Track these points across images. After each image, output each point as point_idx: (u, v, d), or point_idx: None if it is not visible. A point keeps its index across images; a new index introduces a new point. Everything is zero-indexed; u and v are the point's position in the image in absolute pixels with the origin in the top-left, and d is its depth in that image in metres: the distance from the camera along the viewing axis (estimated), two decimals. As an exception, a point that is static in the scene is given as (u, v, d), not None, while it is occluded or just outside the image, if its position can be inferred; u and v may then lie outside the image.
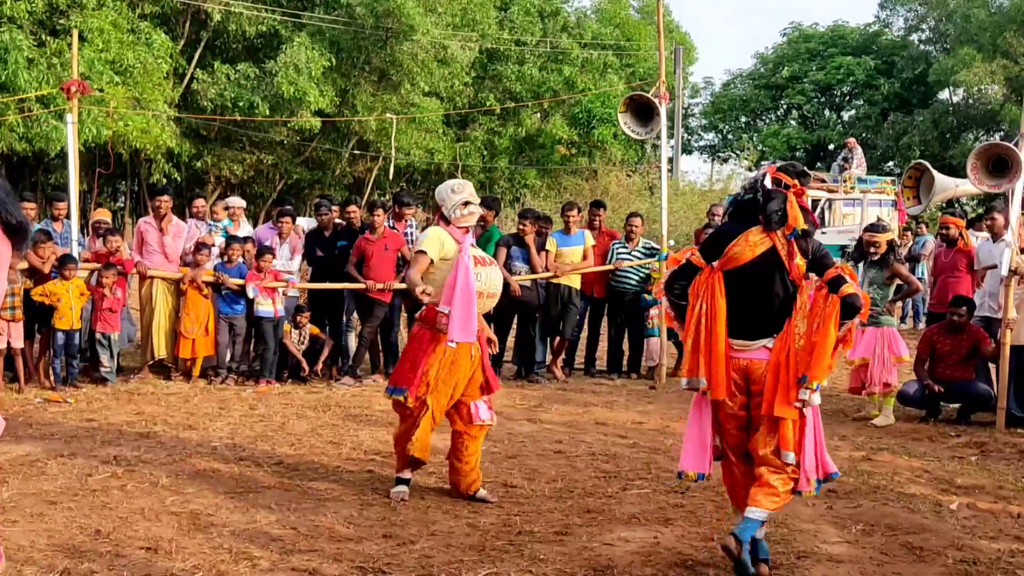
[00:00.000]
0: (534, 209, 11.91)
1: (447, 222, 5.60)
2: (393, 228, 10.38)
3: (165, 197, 9.96)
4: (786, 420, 4.37)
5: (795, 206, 4.42)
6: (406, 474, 5.68)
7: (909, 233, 17.39)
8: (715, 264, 4.50)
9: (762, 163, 31.26)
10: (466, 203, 5.58)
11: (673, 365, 10.51)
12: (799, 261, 4.45)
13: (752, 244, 4.42)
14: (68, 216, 9.55)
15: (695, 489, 5.88)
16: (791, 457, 4.38)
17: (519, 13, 30.16)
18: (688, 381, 4.57)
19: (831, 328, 4.32)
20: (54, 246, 9.04)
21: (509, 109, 29.24)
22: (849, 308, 4.35)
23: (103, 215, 10.44)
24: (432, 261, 5.49)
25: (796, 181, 4.51)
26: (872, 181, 20.43)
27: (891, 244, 8.32)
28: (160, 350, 9.56)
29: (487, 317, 7.01)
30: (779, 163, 4.79)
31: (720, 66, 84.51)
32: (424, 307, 5.57)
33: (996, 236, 8.51)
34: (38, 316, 8.96)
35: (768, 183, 4.48)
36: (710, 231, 10.95)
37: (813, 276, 4.53)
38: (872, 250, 8.29)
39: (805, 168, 4.74)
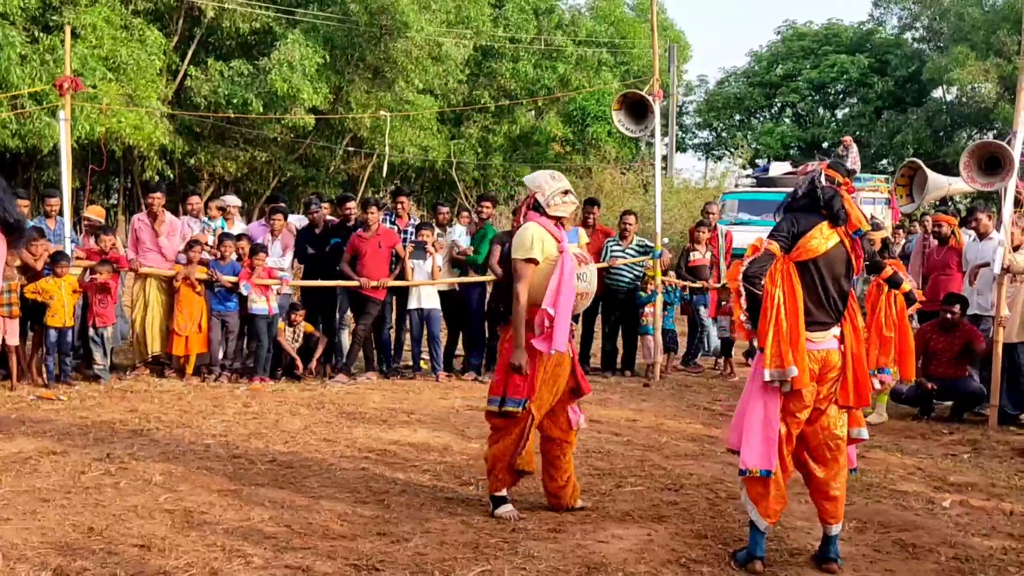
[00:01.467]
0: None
1: (539, 212, 5.19)
2: (394, 224, 10.37)
3: (158, 194, 9.94)
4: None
5: (855, 206, 4.56)
6: (503, 491, 5.27)
7: (901, 231, 17.41)
8: (788, 255, 4.50)
9: (764, 161, 31.29)
10: (565, 191, 5.20)
11: (663, 364, 10.55)
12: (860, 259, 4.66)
13: (826, 238, 4.48)
14: (61, 213, 9.53)
15: (688, 488, 5.89)
16: (864, 433, 4.72)
17: (513, 10, 30.14)
18: (777, 373, 4.38)
19: (906, 322, 4.68)
20: (47, 243, 9.02)
21: (503, 106, 29.23)
22: (908, 300, 5.03)
23: (96, 213, 10.41)
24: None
25: (847, 179, 4.60)
26: (866, 179, 20.46)
27: (885, 242, 8.35)
28: (154, 346, 9.54)
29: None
30: (829, 160, 4.87)
31: (714, 64, 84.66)
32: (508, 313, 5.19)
33: (982, 236, 8.55)
34: (30, 313, 8.93)
35: (823, 180, 4.55)
36: (703, 228, 11.04)
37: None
38: (865, 248, 8.31)
39: (851, 168, 4.92)
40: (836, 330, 4.52)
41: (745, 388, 4.61)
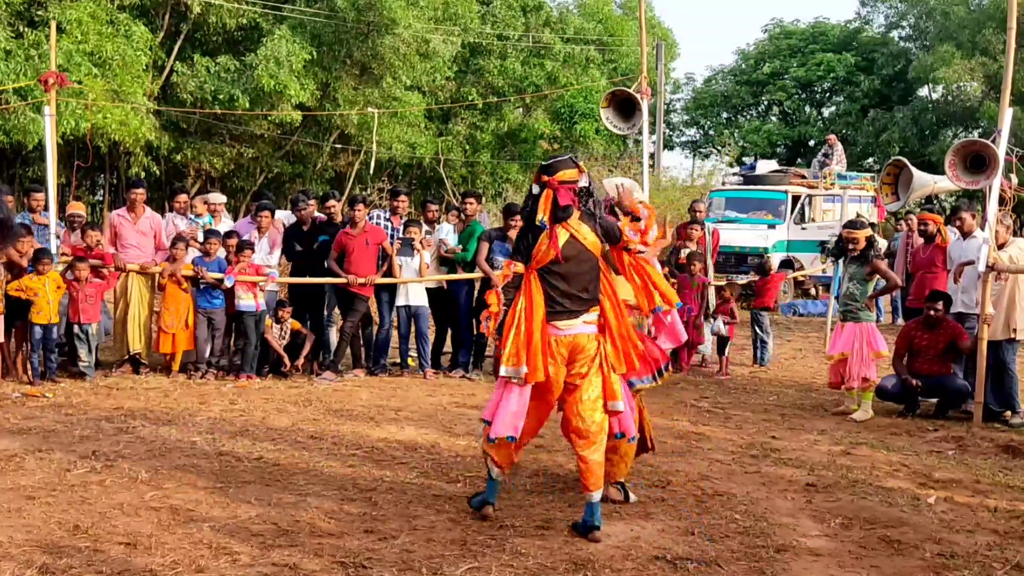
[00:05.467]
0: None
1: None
2: (388, 222, 10.35)
3: (140, 190, 9.90)
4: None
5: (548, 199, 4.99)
6: None
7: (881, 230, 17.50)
8: (530, 267, 5.10)
9: (751, 159, 31.38)
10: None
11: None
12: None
13: (555, 240, 5.01)
14: (46, 208, 9.47)
15: (675, 485, 5.90)
16: (620, 405, 5.08)
17: (501, 7, 30.09)
18: (512, 371, 5.03)
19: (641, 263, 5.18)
20: (33, 240, 8.97)
21: (491, 103, 29.20)
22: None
23: (78, 208, 10.36)
24: None
25: (552, 176, 4.97)
26: (852, 177, 20.53)
27: (870, 240, 8.38)
28: (135, 344, 9.49)
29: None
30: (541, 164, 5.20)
31: (702, 62, 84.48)
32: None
33: (966, 235, 8.61)
34: (14, 311, 8.88)
35: (535, 189, 5.08)
36: (695, 226, 11.06)
37: None
38: (851, 246, 8.36)
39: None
40: (590, 315, 5.03)
41: (499, 378, 5.14)
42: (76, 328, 9.10)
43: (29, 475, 5.74)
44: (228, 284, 9.38)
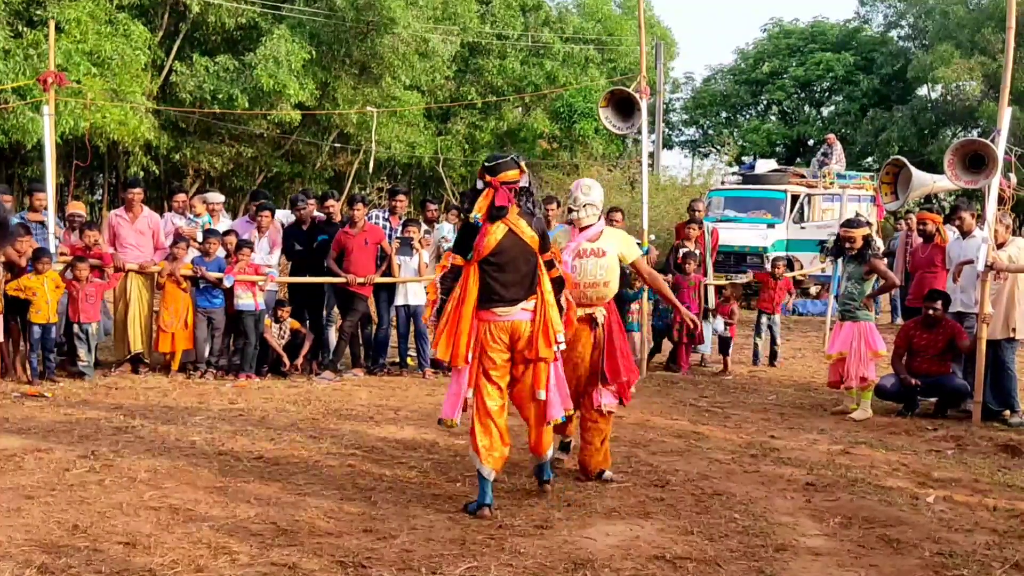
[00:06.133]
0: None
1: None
2: (387, 221, 10.34)
3: (136, 189, 9.91)
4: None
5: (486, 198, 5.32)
6: None
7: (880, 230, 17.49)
8: (471, 260, 5.41)
9: (750, 159, 31.37)
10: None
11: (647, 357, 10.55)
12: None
13: (493, 233, 5.33)
14: (46, 208, 9.46)
15: (674, 484, 5.91)
16: (542, 395, 5.41)
17: (500, 7, 30.10)
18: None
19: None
20: (31, 240, 8.97)
21: (490, 103, 29.20)
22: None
23: (78, 208, 10.36)
24: None
25: (494, 176, 5.29)
26: (851, 177, 20.53)
27: (867, 239, 8.38)
28: (135, 344, 9.49)
29: None
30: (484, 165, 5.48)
31: (701, 61, 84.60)
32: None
33: (965, 234, 8.61)
34: (13, 310, 8.87)
35: (479, 185, 5.41)
36: (694, 226, 11.07)
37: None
38: (848, 246, 8.36)
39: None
40: (528, 303, 5.37)
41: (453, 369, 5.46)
42: (76, 327, 9.09)
43: (28, 474, 5.74)
44: (228, 284, 9.38)
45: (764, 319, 11.29)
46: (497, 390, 5.42)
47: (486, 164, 5.36)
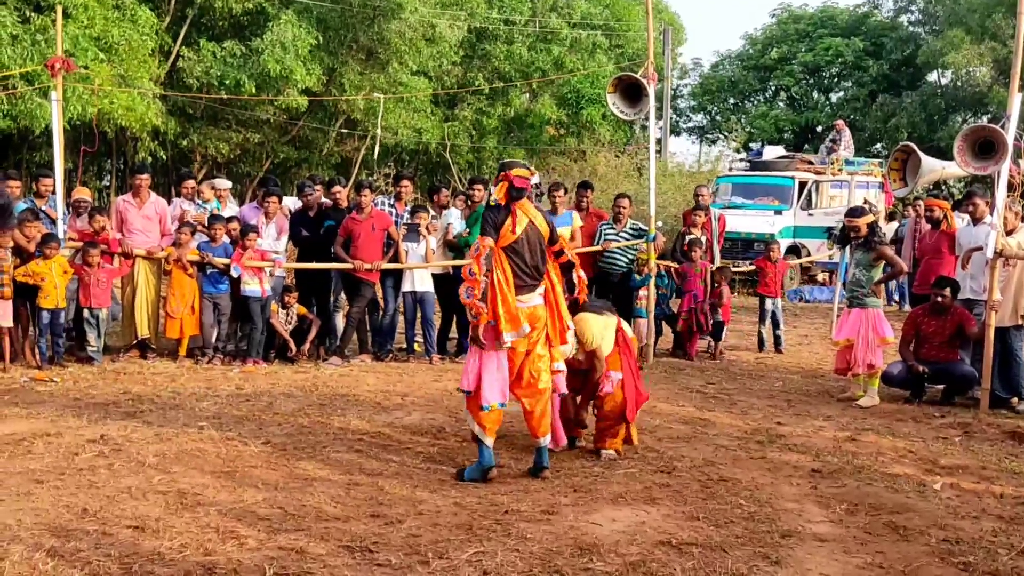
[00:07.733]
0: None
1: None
2: (392, 207, 10.34)
3: (143, 175, 9.91)
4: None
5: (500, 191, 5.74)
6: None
7: (895, 216, 17.41)
8: (497, 244, 5.72)
9: (757, 145, 31.26)
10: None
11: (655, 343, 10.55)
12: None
13: (519, 222, 5.73)
14: (54, 193, 9.48)
15: (680, 470, 5.91)
16: (561, 365, 5.94)
17: (508, -8, 29.97)
18: (513, 335, 5.69)
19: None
20: (40, 225, 8.99)
21: (498, 89, 29.10)
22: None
23: (83, 193, 10.38)
24: None
25: (508, 171, 5.71)
26: (859, 163, 20.45)
27: (872, 226, 8.35)
28: (142, 329, 9.52)
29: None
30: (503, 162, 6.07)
31: (709, 47, 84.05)
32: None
33: (976, 220, 8.57)
34: (22, 295, 8.90)
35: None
36: (700, 212, 11.06)
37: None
38: (853, 234, 8.35)
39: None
40: (541, 288, 5.77)
41: (472, 349, 5.68)
42: (86, 313, 9.12)
43: (38, 459, 5.77)
44: (235, 275, 9.39)
45: (768, 303, 11.29)
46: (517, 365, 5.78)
47: (502, 163, 5.86)
